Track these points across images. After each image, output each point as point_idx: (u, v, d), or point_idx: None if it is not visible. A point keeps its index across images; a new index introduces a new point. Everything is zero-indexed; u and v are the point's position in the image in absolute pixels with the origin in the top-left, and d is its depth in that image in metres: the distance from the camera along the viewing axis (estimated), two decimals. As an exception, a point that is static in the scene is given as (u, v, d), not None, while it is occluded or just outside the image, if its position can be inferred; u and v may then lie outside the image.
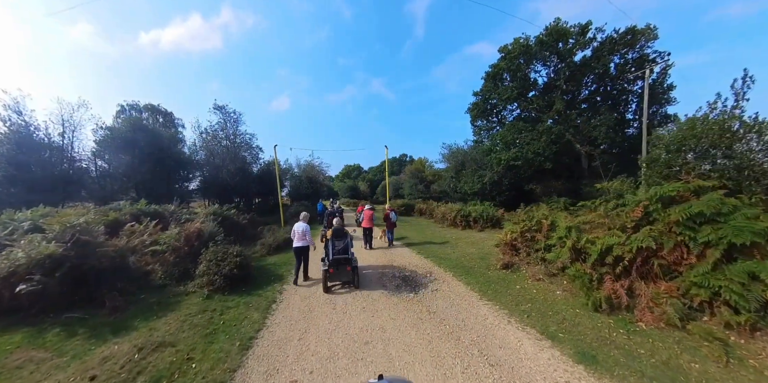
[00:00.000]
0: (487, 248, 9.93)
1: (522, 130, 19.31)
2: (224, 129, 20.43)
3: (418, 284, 6.15)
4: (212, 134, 20.11)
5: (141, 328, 4.38)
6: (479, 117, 24.06)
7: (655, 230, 5.57)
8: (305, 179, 28.36)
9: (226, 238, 9.42)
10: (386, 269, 7.24)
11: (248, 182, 20.00)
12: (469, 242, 11.40)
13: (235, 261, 5.96)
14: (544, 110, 22.27)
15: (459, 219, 15.82)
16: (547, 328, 4.35)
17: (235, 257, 6.06)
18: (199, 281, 5.89)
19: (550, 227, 7.67)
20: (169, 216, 10.93)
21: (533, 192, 23.07)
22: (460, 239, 12.27)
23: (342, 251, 5.90)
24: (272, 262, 8.49)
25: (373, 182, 62.86)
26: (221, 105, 20.21)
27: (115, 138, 17.92)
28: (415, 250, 9.71)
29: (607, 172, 24.21)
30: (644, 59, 23.49)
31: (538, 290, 6.01)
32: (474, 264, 7.87)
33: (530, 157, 18.17)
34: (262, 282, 6.45)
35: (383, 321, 4.39)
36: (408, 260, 8.31)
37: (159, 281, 6.62)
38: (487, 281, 6.39)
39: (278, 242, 9.78)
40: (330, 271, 5.73)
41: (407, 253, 9.31)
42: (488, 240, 11.60)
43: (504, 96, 20.68)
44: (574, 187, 23.60)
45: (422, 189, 34.69)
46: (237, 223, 11.69)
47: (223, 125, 20.39)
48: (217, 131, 20.23)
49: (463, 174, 21.22)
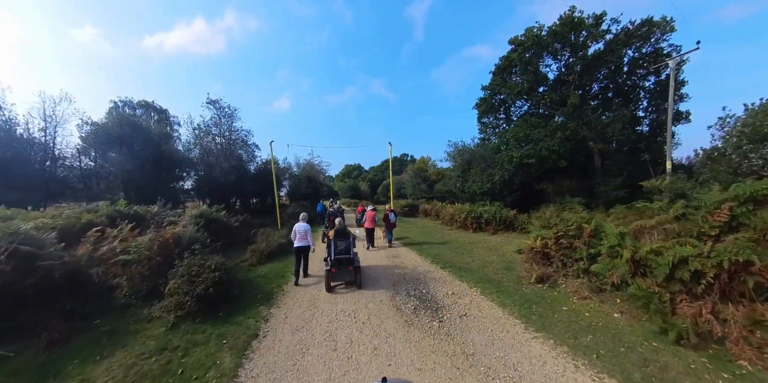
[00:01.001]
0: (509, 256, 8.74)
1: (534, 126, 18.08)
2: (218, 125, 19.19)
3: (439, 305, 4.94)
4: (205, 130, 18.88)
5: (71, 378, 3.18)
6: (487, 113, 22.80)
7: (746, 239, 4.38)
8: (304, 179, 27.18)
9: (213, 244, 8.23)
10: (399, 285, 6.06)
11: (244, 181, 18.79)
12: (486, 247, 10.21)
13: (213, 277, 4.76)
14: (556, 106, 21.07)
15: (469, 221, 14.64)
16: (630, 376, 3.15)
17: (212, 272, 4.86)
18: (167, 302, 4.68)
19: (592, 233, 6.48)
20: (150, 219, 9.74)
21: (544, 192, 21.87)
22: (474, 243, 11.08)
23: (344, 251, 5.87)
24: (262, 273, 7.27)
25: (374, 181, 61.62)
26: (214, 99, 18.99)
27: (101, 134, 16.72)
28: (428, 258, 8.50)
29: (622, 171, 23.12)
30: (659, 53, 22.35)
31: (591, 313, 4.81)
32: (501, 277, 6.66)
33: (544, 154, 16.94)
34: (246, 303, 5.24)
35: (407, 372, 3.18)
36: (423, 271, 7.09)
37: (123, 299, 5.44)
38: (526, 301, 5.19)
39: (271, 249, 8.57)
40: (332, 271, 5.71)
41: (420, 262, 8.10)
42: (506, 245, 10.42)
43: (515, 90, 19.39)
44: (587, 186, 22.43)
45: (425, 189, 33.46)
46: (227, 226, 10.50)
47: (217, 121, 19.15)
48: (210, 127, 19.01)
49: (471, 173, 19.98)
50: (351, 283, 5.96)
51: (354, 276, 5.85)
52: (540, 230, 8.39)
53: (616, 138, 22.24)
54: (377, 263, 8.10)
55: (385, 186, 48.30)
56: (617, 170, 22.71)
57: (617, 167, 22.89)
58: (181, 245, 6.61)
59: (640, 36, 22.29)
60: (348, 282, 6.00)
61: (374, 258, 8.58)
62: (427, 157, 42.11)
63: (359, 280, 5.85)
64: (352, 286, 5.90)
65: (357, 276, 5.84)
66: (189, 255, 5.61)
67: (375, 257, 8.84)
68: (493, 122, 25.09)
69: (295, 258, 6.41)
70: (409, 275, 6.73)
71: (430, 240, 11.89)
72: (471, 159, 21.25)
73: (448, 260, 8.12)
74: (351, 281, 5.94)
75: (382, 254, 9.29)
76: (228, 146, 19.71)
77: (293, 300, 5.37)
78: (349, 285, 5.96)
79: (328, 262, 5.95)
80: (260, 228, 13.89)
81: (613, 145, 23.08)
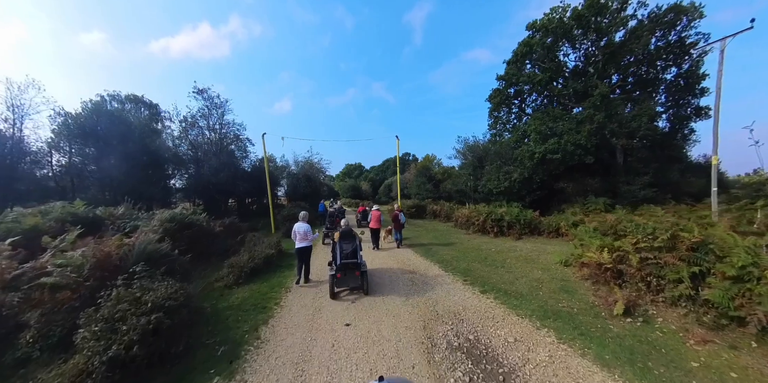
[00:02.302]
0: (556, 270, 6.96)
1: (557, 118, 16.27)
2: (207, 117, 17.31)
3: (504, 366, 3.16)
4: (192, 122, 16.98)
5: None
6: (500, 106, 20.97)
7: None
8: (303, 178, 25.37)
9: (182, 256, 6.45)
10: (432, 325, 4.25)
11: (236, 180, 16.95)
12: (520, 258, 8.41)
13: (145, 325, 2.97)
14: (579, 97, 19.31)
15: (489, 224, 12.83)
16: None
17: (146, 315, 3.06)
18: (73, 365, 2.88)
19: (695, 245, 4.68)
20: (110, 224, 7.95)
21: (564, 191, 20.10)
22: (502, 252, 9.29)
23: (350, 255, 5.47)
24: (237, 302, 5.31)
25: (375, 181, 59.78)
26: (202, 88, 17.04)
27: (75, 127, 14.94)
28: (458, 275, 6.66)
29: (647, 168, 21.35)
30: (683, 42, 20.64)
31: (735, 369, 3.04)
32: (568, 305, 4.85)
33: (570, 149, 15.14)
34: (197, 363, 3.36)
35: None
36: (458, 299, 5.21)
37: (25, 348, 3.65)
38: (628, 350, 3.41)
39: (255, 263, 6.71)
40: (337, 276, 5.34)
41: (449, 281, 6.21)
42: (542, 255, 8.64)
43: (535, 79, 17.56)
44: (610, 185, 20.65)
45: (431, 188, 31.67)
46: (207, 232, 8.70)
47: (206, 113, 17.26)
48: (198, 120, 17.11)
49: (486, 171, 18.17)
50: (357, 289, 5.54)
51: (360, 282, 5.42)
52: (596, 237, 6.61)
53: (642, 133, 20.51)
54: (388, 273, 6.34)
55: (387, 186, 46.53)
56: (642, 167, 20.96)
57: (642, 164, 21.14)
58: (128, 263, 4.82)
59: (666, 22, 20.56)
60: (353, 288, 5.57)
61: (382, 262, 7.47)
62: (432, 155, 40.31)
63: (366, 286, 5.42)
64: (358, 292, 5.48)
65: (364, 282, 5.41)
66: (122, 285, 3.79)
67: (384, 261, 7.90)
68: (505, 117, 23.31)
69: (297, 259, 6.22)
70: (442, 305, 4.88)
71: (449, 248, 10.08)
72: (484, 156, 19.46)
73: (485, 279, 6.30)
74: (357, 287, 5.51)
75: (392, 259, 7.64)
76: (218, 140, 17.86)
77: (276, 352, 3.57)
78: (355, 291, 5.52)
79: (332, 266, 5.51)
80: (251, 233, 12.13)
81: (636, 140, 21.38)
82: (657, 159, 22.82)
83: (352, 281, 5.47)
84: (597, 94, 15.89)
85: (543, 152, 15.13)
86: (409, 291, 5.59)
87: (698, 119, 23.10)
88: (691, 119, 24.10)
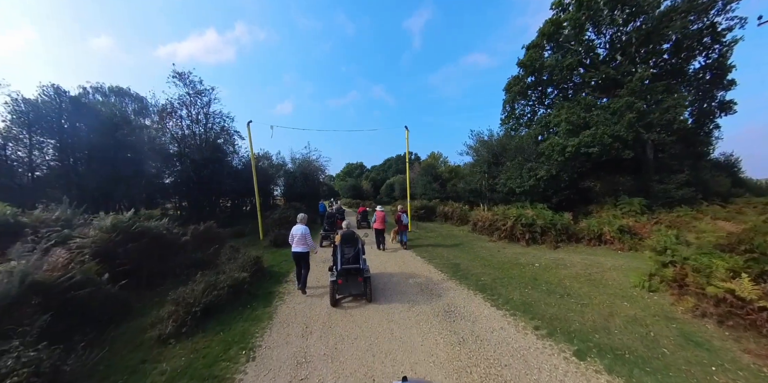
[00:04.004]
0: (640, 298, 4.98)
1: (591, 106, 14.21)
2: (187, 105, 15.17)
3: None
4: (169, 111, 14.76)
5: None
6: (519, 96, 18.86)
7: None
8: (300, 176, 23.31)
9: (110, 286, 4.42)
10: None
11: (222, 177, 14.87)
12: (580, 277, 6.37)
13: None
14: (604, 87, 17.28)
15: (519, 230, 10.79)
16: None
17: None
18: None
19: None
20: (32, 233, 5.90)
21: (590, 190, 18.06)
22: (548, 268, 7.26)
23: (352, 260, 5.08)
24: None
25: (377, 181, 57.69)
26: (181, 72, 14.68)
27: (33, 115, 12.90)
28: (515, 311, 4.56)
29: (682, 165, 19.35)
30: (714, 27, 18.67)
31: None
32: (726, 378, 2.83)
33: (608, 142, 13.08)
34: None
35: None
36: (531, 364, 3.17)
37: None
38: None
39: (216, 294, 4.51)
40: (338, 282, 4.96)
41: (505, 325, 4.11)
42: (602, 271, 6.63)
43: (564, 63, 15.42)
44: (642, 184, 18.62)
45: (437, 188, 29.66)
46: (168, 243, 6.65)
47: (187, 101, 15.14)
48: (178, 108, 14.91)
49: (506, 168, 16.10)
50: (359, 296, 5.21)
51: (363, 288, 5.09)
52: (718, 257, 4.58)
53: (677, 125, 18.49)
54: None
55: (389, 185, 44.51)
56: (676, 164, 18.94)
57: (676, 160, 19.12)
58: None
59: (701, 4, 18.54)
60: (356, 295, 5.25)
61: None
62: (438, 153, 38.29)
63: (370, 293, 5.06)
64: (361, 299, 5.15)
65: (367, 289, 5.06)
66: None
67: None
68: (519, 110, 21.22)
69: (295, 264, 5.86)
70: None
71: (480, 263, 8.03)
72: (501, 152, 17.39)
73: (561, 322, 4.19)
74: (359, 293, 5.18)
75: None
76: (203, 133, 15.73)
77: None
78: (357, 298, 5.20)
79: (333, 272, 5.17)
80: (234, 241, 10.10)
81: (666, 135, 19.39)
82: (688, 156, 20.85)
83: (354, 288, 5.13)
84: (636, 78, 13.84)
85: (576, 146, 13.05)
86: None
87: (722, 114, 21.15)
88: (715, 114, 22.07)
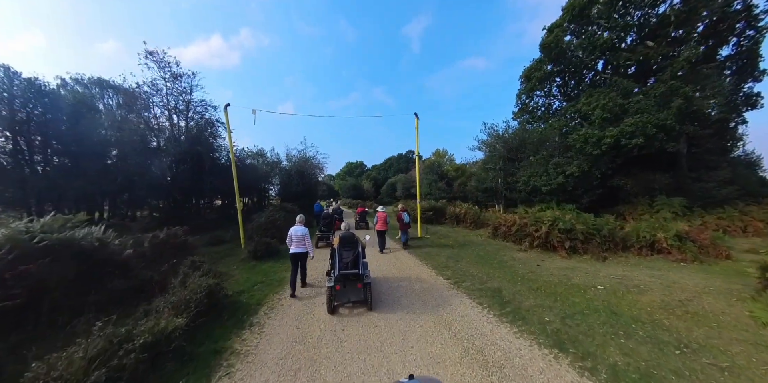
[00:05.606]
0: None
1: (628, 92, 12.23)
2: (160, 91, 13.21)
3: None
4: (135, 95, 12.65)
5: None
6: (539, 85, 16.85)
7: None
8: (295, 175, 21.40)
9: None
10: None
11: (201, 175, 12.93)
12: (673, 310, 4.44)
13: None
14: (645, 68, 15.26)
15: (556, 238, 8.86)
16: None
17: None
18: None
19: None
20: None
21: (620, 189, 16.08)
22: (617, 293, 5.35)
23: (351, 265, 4.65)
24: None
25: (378, 180, 55.81)
26: (151, 50, 12.57)
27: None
28: None
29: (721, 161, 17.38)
30: (750, 10, 16.69)
31: None
32: None
33: (652, 133, 11.11)
34: None
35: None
36: None
37: None
38: None
39: (120, 366, 2.62)
40: (336, 288, 4.47)
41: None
42: (691, 297, 4.72)
43: (599, 42, 13.37)
44: (676, 182, 16.66)
45: (444, 187, 27.74)
46: (102, 259, 4.75)
47: (160, 87, 13.15)
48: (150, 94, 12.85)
49: (528, 164, 14.12)
50: (359, 303, 4.65)
51: (363, 295, 4.55)
52: None
53: (716, 117, 16.49)
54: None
55: (390, 185, 42.64)
56: (714, 160, 16.98)
57: (714, 156, 17.15)
58: None
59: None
60: (355, 302, 4.67)
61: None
62: (443, 150, 36.27)
63: (370, 300, 4.53)
64: (361, 306, 4.61)
65: (367, 295, 4.53)
66: None
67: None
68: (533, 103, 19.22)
69: (291, 265, 5.52)
70: None
71: (523, 284, 6.09)
72: (519, 146, 15.41)
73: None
74: (359, 300, 4.62)
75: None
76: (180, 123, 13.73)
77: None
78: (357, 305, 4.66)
79: (331, 277, 4.70)
80: (216, 249, 8.20)
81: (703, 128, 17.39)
82: (723, 151, 18.91)
83: (354, 295, 4.64)
84: (683, 59, 11.88)
85: (615, 137, 11.05)
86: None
87: (748, 109, 19.17)
88: (741, 107, 20.03)
